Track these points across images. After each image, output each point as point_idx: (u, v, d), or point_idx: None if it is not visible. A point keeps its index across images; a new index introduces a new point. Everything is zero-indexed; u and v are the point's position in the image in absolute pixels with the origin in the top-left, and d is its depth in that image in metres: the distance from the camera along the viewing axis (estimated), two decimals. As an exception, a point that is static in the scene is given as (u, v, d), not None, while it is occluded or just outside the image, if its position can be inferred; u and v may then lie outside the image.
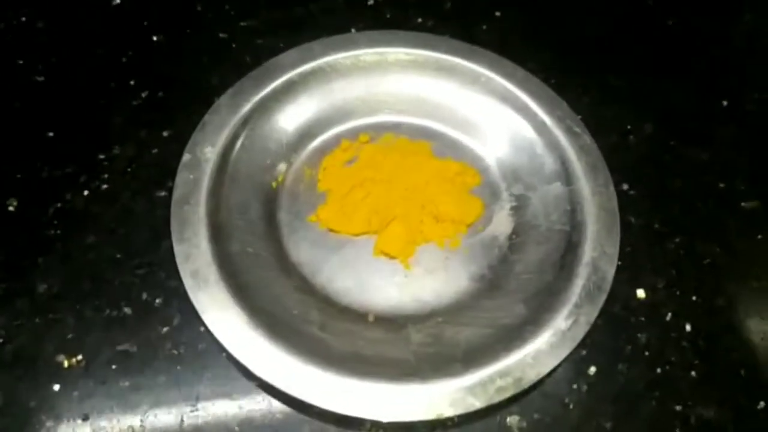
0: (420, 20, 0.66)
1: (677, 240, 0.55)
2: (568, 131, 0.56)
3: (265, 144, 0.56)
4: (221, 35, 0.65)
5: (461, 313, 0.50)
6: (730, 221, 0.56)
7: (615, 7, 0.69)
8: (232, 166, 0.53)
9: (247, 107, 0.55)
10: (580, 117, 0.57)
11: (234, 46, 0.64)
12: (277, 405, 0.47)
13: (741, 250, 0.55)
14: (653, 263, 0.54)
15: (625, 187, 0.57)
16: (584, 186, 0.53)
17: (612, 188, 0.53)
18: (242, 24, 0.65)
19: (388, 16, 0.67)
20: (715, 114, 0.62)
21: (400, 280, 0.52)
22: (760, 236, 0.55)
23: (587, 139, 0.55)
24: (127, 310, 0.50)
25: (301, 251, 0.53)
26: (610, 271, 0.49)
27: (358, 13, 0.67)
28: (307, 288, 0.51)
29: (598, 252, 0.50)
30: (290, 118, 0.57)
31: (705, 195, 0.57)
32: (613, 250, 0.50)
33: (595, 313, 0.48)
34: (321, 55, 0.59)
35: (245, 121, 0.55)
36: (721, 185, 0.58)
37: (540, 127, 0.56)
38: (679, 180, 0.58)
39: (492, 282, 0.52)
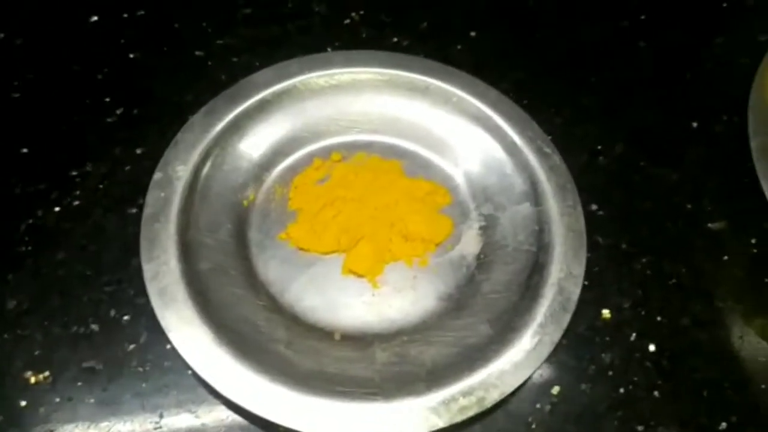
0: (396, 39, 0.67)
1: (644, 260, 0.55)
2: (539, 152, 0.56)
3: (237, 162, 0.56)
4: (197, 53, 0.65)
5: (427, 332, 0.50)
6: (697, 242, 0.56)
7: (589, 28, 0.69)
8: (203, 185, 0.54)
9: (219, 126, 0.56)
10: (550, 137, 0.57)
11: (210, 63, 0.64)
12: (241, 423, 0.47)
13: (707, 271, 0.55)
14: (619, 283, 0.54)
15: (594, 207, 0.57)
16: (552, 206, 0.54)
17: (580, 209, 0.54)
18: (219, 42, 0.66)
19: (364, 35, 0.67)
20: (685, 135, 0.62)
21: (368, 298, 0.52)
22: (726, 257, 0.56)
23: (557, 159, 0.56)
24: (95, 327, 0.50)
25: (271, 270, 0.53)
26: (576, 292, 0.50)
27: (335, 32, 0.67)
28: (274, 306, 0.51)
29: (564, 273, 0.50)
30: (263, 137, 0.58)
31: (673, 216, 0.58)
32: (579, 270, 0.51)
33: (559, 334, 0.48)
34: (295, 74, 0.59)
35: (218, 140, 0.55)
36: (689, 206, 0.58)
37: (510, 148, 0.57)
38: (648, 200, 0.58)
39: (459, 301, 0.52)
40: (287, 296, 0.52)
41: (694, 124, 0.63)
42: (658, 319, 0.53)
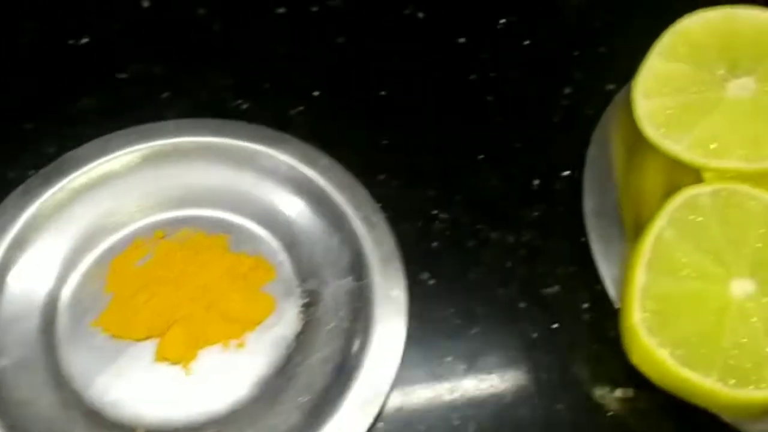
0: (237, 102, 0.65)
1: (473, 332, 0.54)
2: (365, 221, 0.55)
3: (51, 247, 0.54)
4: (27, 126, 0.63)
5: (238, 420, 0.49)
6: (528, 309, 0.55)
7: (433, 87, 0.68)
8: (9, 274, 0.52)
9: (33, 207, 0.54)
10: (380, 205, 0.56)
11: (37, 137, 0.62)
12: None
13: (536, 340, 0.54)
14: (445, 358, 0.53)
15: (425, 276, 0.56)
16: (376, 281, 0.52)
17: (405, 282, 0.52)
18: (50, 114, 0.64)
19: (204, 99, 0.65)
20: (526, 194, 0.61)
21: (178, 387, 0.50)
22: (556, 324, 0.54)
23: (385, 229, 0.54)
24: None
25: (76, 362, 0.51)
26: (391, 375, 0.48)
27: (174, 97, 0.65)
28: (75, 402, 0.49)
29: (379, 354, 0.49)
30: (80, 217, 0.56)
31: (505, 282, 0.56)
32: (400, 348, 0.49)
33: (368, 422, 0.47)
34: (119, 147, 0.58)
35: (29, 224, 0.53)
36: (523, 271, 0.57)
37: (338, 219, 0.55)
38: (482, 267, 0.57)
39: (273, 386, 0.50)
40: (92, 390, 0.50)
41: (536, 182, 0.61)
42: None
